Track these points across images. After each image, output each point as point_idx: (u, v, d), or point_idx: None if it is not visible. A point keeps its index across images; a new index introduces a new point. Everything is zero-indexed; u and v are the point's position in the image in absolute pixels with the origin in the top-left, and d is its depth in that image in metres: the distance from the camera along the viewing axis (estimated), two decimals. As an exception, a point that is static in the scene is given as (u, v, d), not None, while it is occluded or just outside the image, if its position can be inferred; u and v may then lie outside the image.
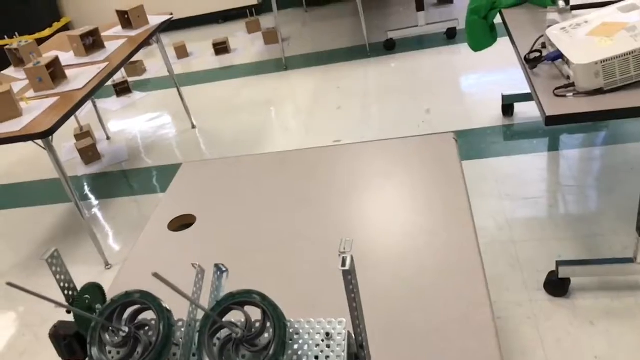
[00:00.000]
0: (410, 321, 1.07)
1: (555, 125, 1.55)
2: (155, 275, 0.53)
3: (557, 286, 1.97)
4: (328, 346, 0.65)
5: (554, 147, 2.85)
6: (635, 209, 2.29)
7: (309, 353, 0.65)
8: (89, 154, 3.88)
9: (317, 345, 0.66)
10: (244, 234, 1.43)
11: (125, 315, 0.70)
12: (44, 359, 2.37)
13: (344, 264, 0.60)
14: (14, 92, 2.55)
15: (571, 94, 1.58)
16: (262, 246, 1.34)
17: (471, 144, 3.03)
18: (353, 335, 0.67)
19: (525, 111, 3.17)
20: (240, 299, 0.64)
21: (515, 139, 2.99)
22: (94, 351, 0.67)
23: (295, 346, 0.66)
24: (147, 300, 0.66)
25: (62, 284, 0.76)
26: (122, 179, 3.71)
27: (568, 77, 1.63)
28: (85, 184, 3.73)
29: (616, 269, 1.95)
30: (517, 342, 1.85)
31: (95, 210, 3.39)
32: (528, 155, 2.81)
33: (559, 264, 1.92)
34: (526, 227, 2.34)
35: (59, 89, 2.72)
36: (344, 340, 0.65)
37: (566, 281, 1.96)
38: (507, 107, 3.18)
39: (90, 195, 3.58)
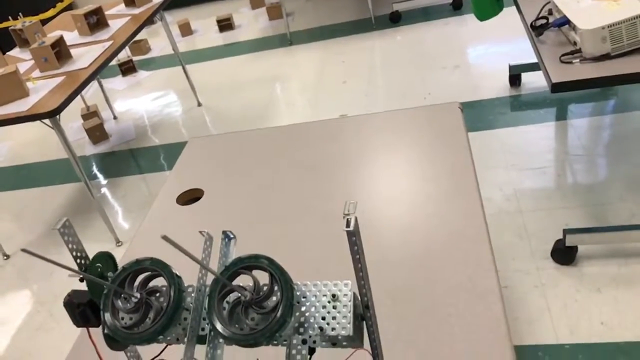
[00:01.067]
0: (416, 285, 1.08)
1: (562, 92, 1.54)
2: (165, 237, 0.54)
3: (564, 254, 1.98)
4: (334, 307, 0.67)
5: (561, 116, 2.83)
6: (643, 176, 2.28)
7: (316, 314, 0.67)
8: (97, 133, 3.91)
9: (324, 306, 0.67)
10: (251, 205, 1.44)
11: (137, 283, 0.71)
12: (57, 334, 2.42)
13: (348, 225, 0.61)
14: (20, 72, 2.55)
15: (577, 60, 1.56)
16: (269, 217, 1.36)
17: (478, 115, 3.01)
18: (359, 297, 0.68)
19: (533, 81, 3.14)
20: (249, 263, 0.66)
21: (523, 109, 2.97)
22: (107, 317, 0.69)
23: (303, 308, 0.67)
24: (158, 266, 0.68)
25: (74, 253, 0.77)
26: (130, 157, 3.73)
27: (574, 43, 1.62)
28: (93, 163, 3.76)
29: (623, 236, 1.96)
30: (524, 310, 1.87)
31: (104, 189, 3.42)
32: (535, 125, 2.80)
33: (566, 232, 1.93)
34: (533, 197, 2.34)
35: (64, 69, 2.73)
36: (349, 301, 0.66)
37: (573, 249, 1.97)
38: (514, 77, 3.15)
39: (99, 175, 3.61)
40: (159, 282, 0.75)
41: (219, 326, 0.64)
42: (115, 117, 4.24)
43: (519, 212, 2.28)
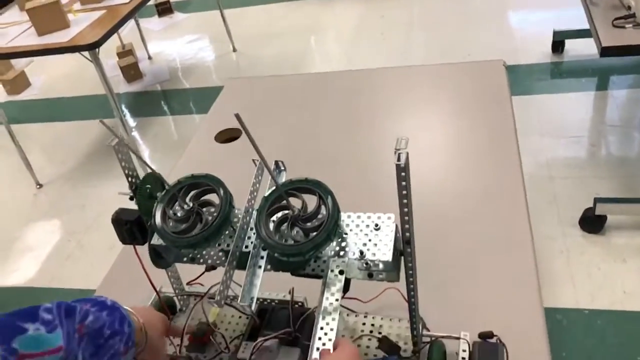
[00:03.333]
0: (449, 233, 1.10)
1: (611, 57, 1.50)
2: (236, 116, 0.57)
3: (592, 223, 1.97)
4: (376, 236, 0.69)
5: (602, 86, 2.77)
6: (681, 152, 2.24)
7: (358, 241, 0.69)
8: (131, 72, 3.93)
9: (366, 234, 0.69)
10: (290, 147, 1.46)
11: (188, 197, 0.74)
12: (86, 263, 2.50)
13: (399, 160, 0.62)
14: (62, 3, 2.57)
15: (630, 25, 1.52)
16: (307, 159, 1.38)
17: (517, 79, 2.95)
18: (400, 232, 0.70)
19: (576, 48, 3.05)
20: (299, 185, 0.68)
21: (563, 77, 2.91)
22: (158, 220, 0.72)
23: (345, 234, 0.70)
24: (212, 181, 0.71)
25: (126, 172, 0.80)
26: (163, 98, 3.77)
27: (629, 8, 1.57)
28: (126, 101, 3.80)
29: (654, 210, 1.94)
30: (547, 275, 1.88)
31: (136, 127, 3.47)
32: (575, 94, 2.74)
33: (597, 200, 1.92)
34: (566, 165, 2.32)
35: (105, 3, 2.73)
36: (392, 231, 0.68)
37: (602, 218, 1.96)
38: (558, 43, 3.06)
39: (132, 113, 3.66)
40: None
41: (264, 234, 0.67)
42: (149, 57, 4.25)
43: (550, 178, 2.26)
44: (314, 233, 0.67)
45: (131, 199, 0.83)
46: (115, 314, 0.65)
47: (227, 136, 1.62)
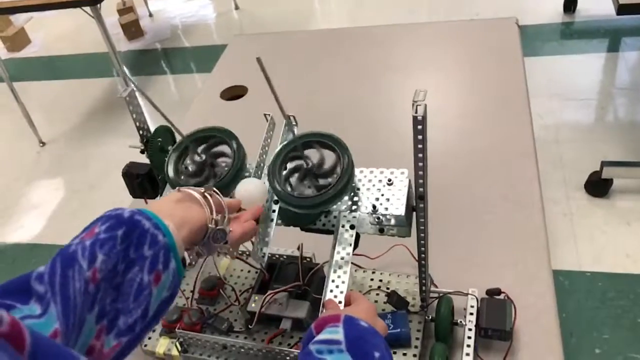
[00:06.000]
0: (460, 190, 1.09)
1: (628, 14, 1.46)
2: (258, 60, 0.56)
3: (598, 186, 1.96)
4: (389, 190, 0.68)
5: (614, 48, 2.71)
6: (691, 116, 2.21)
7: (370, 195, 0.69)
8: (132, 29, 3.86)
9: (379, 189, 0.69)
10: (298, 104, 1.43)
11: (200, 150, 0.73)
12: (90, 218, 2.51)
13: (416, 112, 0.61)
14: (61, -45, 2.50)
15: (649, -19, 1.48)
16: (315, 116, 1.35)
17: (527, 40, 2.88)
18: (413, 187, 0.70)
19: (589, 8, 2.97)
20: (313, 138, 0.67)
21: (574, 38, 2.85)
22: (171, 171, 0.71)
23: (358, 189, 0.69)
24: (225, 134, 0.69)
25: (137, 124, 0.79)
26: (164, 57, 3.71)
27: (648, -37, 1.52)
28: (127, 59, 3.75)
29: (661, 174, 1.93)
30: (550, 237, 1.86)
31: (138, 85, 3.43)
32: (585, 55, 2.69)
33: (604, 164, 1.90)
34: (573, 128, 2.30)
35: (105, -44, 2.65)
36: (405, 186, 0.68)
37: (608, 182, 1.95)
38: (570, 2, 2.98)
39: (133, 71, 3.61)
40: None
41: (277, 187, 0.66)
42: (150, 15, 4.17)
43: (556, 141, 2.24)
44: (327, 187, 0.66)
45: (142, 152, 0.82)
46: (132, 235, 0.52)
47: (232, 94, 1.60)
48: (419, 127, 0.62)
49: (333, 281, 0.67)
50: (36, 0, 2.40)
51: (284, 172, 0.70)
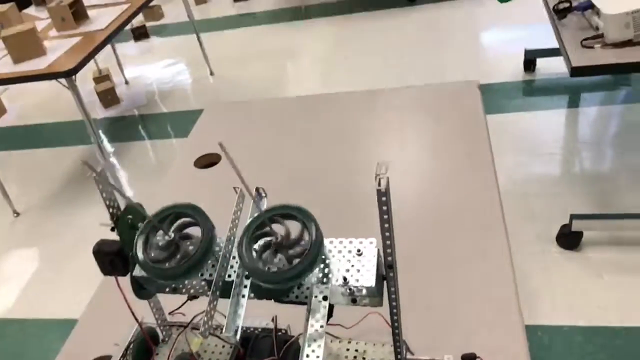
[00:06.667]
0: (429, 250, 1.11)
1: (581, 77, 1.54)
2: (220, 145, 0.57)
3: (569, 239, 2.00)
4: (359, 261, 0.69)
5: (573, 104, 2.84)
6: (652, 167, 2.30)
7: (340, 267, 0.70)
8: (108, 97, 3.91)
9: (349, 260, 0.70)
10: (270, 171, 1.47)
11: (170, 228, 0.74)
12: (66, 293, 2.45)
13: (379, 185, 0.63)
14: (37, 30, 2.56)
15: (599, 45, 1.57)
16: (287, 183, 1.38)
17: (490, 98, 3.01)
18: (382, 256, 0.71)
19: (547, 67, 3.13)
20: (281, 211, 0.68)
21: (535, 95, 2.98)
22: (139, 251, 0.71)
23: (327, 260, 0.70)
24: (193, 211, 0.71)
25: (107, 202, 0.79)
26: (141, 123, 3.75)
27: (597, 28, 1.62)
28: (104, 127, 3.77)
29: (629, 224, 1.98)
30: (525, 291, 1.90)
31: (114, 152, 3.44)
32: (547, 111, 2.80)
33: (573, 217, 1.95)
34: (541, 182, 2.36)
35: (81, 29, 2.73)
36: (374, 256, 0.69)
37: (579, 234, 1.99)
38: (529, 62, 3.14)
39: (109, 138, 3.63)
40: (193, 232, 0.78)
41: (247, 262, 0.67)
42: (126, 82, 4.24)
43: (526, 195, 2.30)
44: (297, 260, 0.67)
45: (112, 230, 0.83)
46: None
47: (206, 161, 1.62)
48: (383, 198, 0.64)
49: (307, 356, 0.67)
50: (11, 74, 2.44)
51: (254, 247, 0.71)
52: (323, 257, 0.71)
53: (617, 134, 2.56)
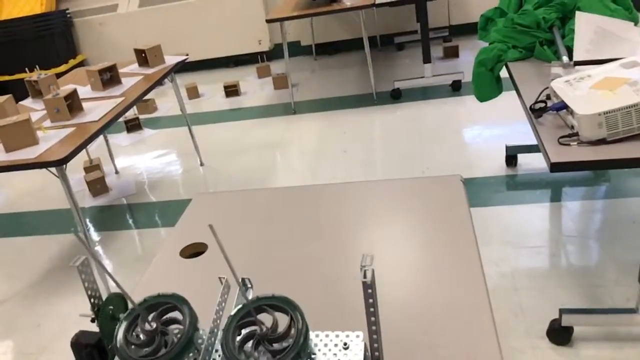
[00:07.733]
0: (416, 350, 1.08)
1: (560, 172, 1.60)
2: (210, 227, 0.58)
3: (560, 334, 1.97)
4: (345, 355, 0.68)
5: (556, 198, 2.90)
6: (636, 261, 2.31)
7: (328, 362, 0.68)
8: (97, 186, 3.94)
9: (335, 354, 0.68)
10: (256, 262, 1.46)
11: (152, 317, 0.73)
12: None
13: (365, 277, 0.63)
14: (32, 121, 2.62)
15: (575, 143, 1.64)
16: (277, 274, 1.37)
17: (474, 192, 3.08)
18: (369, 349, 0.70)
19: (529, 162, 3.23)
20: (268, 302, 0.68)
21: (518, 189, 3.05)
22: (119, 341, 0.69)
23: (313, 355, 0.68)
24: (177, 301, 0.70)
25: (89, 292, 0.78)
26: (128, 212, 3.75)
27: (572, 127, 1.70)
28: (91, 215, 3.76)
29: (619, 319, 1.96)
30: (519, 389, 1.84)
31: (100, 241, 3.41)
32: (530, 205, 2.86)
33: (563, 311, 1.93)
34: (529, 275, 2.36)
35: (75, 120, 2.80)
36: (361, 350, 0.68)
37: (569, 329, 1.96)
38: (511, 157, 3.25)
39: (96, 227, 3.61)
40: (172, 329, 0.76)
41: (231, 354, 0.65)
42: (117, 172, 4.28)
43: (514, 289, 2.29)
44: (282, 352, 0.65)
45: (92, 320, 0.81)
46: None
47: (192, 251, 1.61)
48: (369, 290, 0.65)
49: None
50: (2, 162, 2.46)
51: (238, 339, 0.69)
52: (309, 350, 0.69)
53: (600, 228, 2.60)
